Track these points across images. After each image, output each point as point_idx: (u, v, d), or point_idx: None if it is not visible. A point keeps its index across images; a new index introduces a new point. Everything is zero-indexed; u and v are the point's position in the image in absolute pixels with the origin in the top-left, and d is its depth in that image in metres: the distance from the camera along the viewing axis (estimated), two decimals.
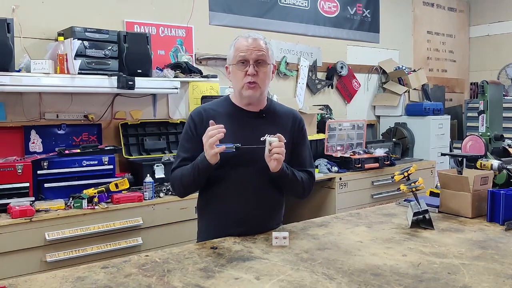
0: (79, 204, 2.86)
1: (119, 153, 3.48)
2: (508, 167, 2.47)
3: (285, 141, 1.83)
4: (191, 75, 3.76)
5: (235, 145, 1.79)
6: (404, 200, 2.47)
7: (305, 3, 4.95)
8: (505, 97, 5.60)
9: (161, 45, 3.90)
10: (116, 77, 3.23)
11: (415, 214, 2.05)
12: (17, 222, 2.61)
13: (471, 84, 3.46)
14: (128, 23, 3.73)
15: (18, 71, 2.99)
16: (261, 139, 1.91)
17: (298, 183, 1.97)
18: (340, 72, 5.23)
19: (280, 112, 2.06)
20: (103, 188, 2.95)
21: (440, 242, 1.85)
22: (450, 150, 5.47)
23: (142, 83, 3.35)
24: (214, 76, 3.89)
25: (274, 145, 1.79)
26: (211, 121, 1.82)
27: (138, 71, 3.36)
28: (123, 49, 3.32)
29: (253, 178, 1.92)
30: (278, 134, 1.82)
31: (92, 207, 2.88)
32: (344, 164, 4.31)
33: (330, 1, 5.17)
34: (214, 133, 1.76)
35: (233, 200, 1.93)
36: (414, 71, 5.69)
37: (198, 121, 1.96)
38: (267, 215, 2.00)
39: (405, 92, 5.45)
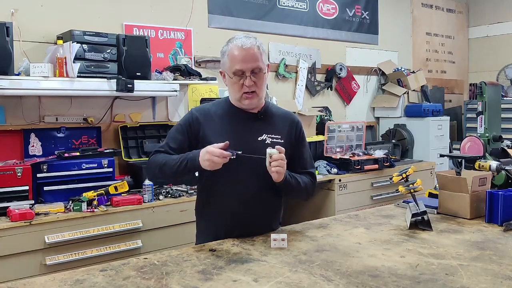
0: (78, 207, 2.86)
1: (118, 156, 3.49)
2: (507, 168, 2.47)
3: (284, 151, 1.82)
4: (190, 78, 3.77)
5: (236, 152, 1.79)
6: (403, 202, 2.47)
7: (304, 5, 4.96)
8: (504, 98, 5.61)
9: (160, 48, 3.91)
10: (115, 80, 3.24)
11: (413, 215, 2.05)
12: (17, 225, 2.62)
13: (470, 85, 3.47)
14: (127, 26, 3.74)
15: (18, 74, 3.00)
16: (258, 138, 1.92)
17: (301, 189, 1.99)
18: (339, 73, 5.24)
19: (277, 114, 2.07)
20: (103, 191, 2.95)
21: (439, 243, 1.85)
22: (450, 151, 5.47)
23: (141, 86, 3.36)
24: (213, 79, 3.91)
25: (274, 158, 1.80)
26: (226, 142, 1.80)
27: (137, 74, 3.37)
28: (122, 52, 3.33)
29: (252, 180, 1.92)
30: (277, 146, 1.83)
31: (91, 210, 2.88)
32: (344, 165, 4.31)
33: (328, 3, 5.18)
34: (223, 155, 1.75)
35: (231, 201, 1.94)
36: (413, 72, 5.69)
37: (194, 119, 1.98)
38: (265, 217, 2.01)
39: (404, 93, 5.45)
